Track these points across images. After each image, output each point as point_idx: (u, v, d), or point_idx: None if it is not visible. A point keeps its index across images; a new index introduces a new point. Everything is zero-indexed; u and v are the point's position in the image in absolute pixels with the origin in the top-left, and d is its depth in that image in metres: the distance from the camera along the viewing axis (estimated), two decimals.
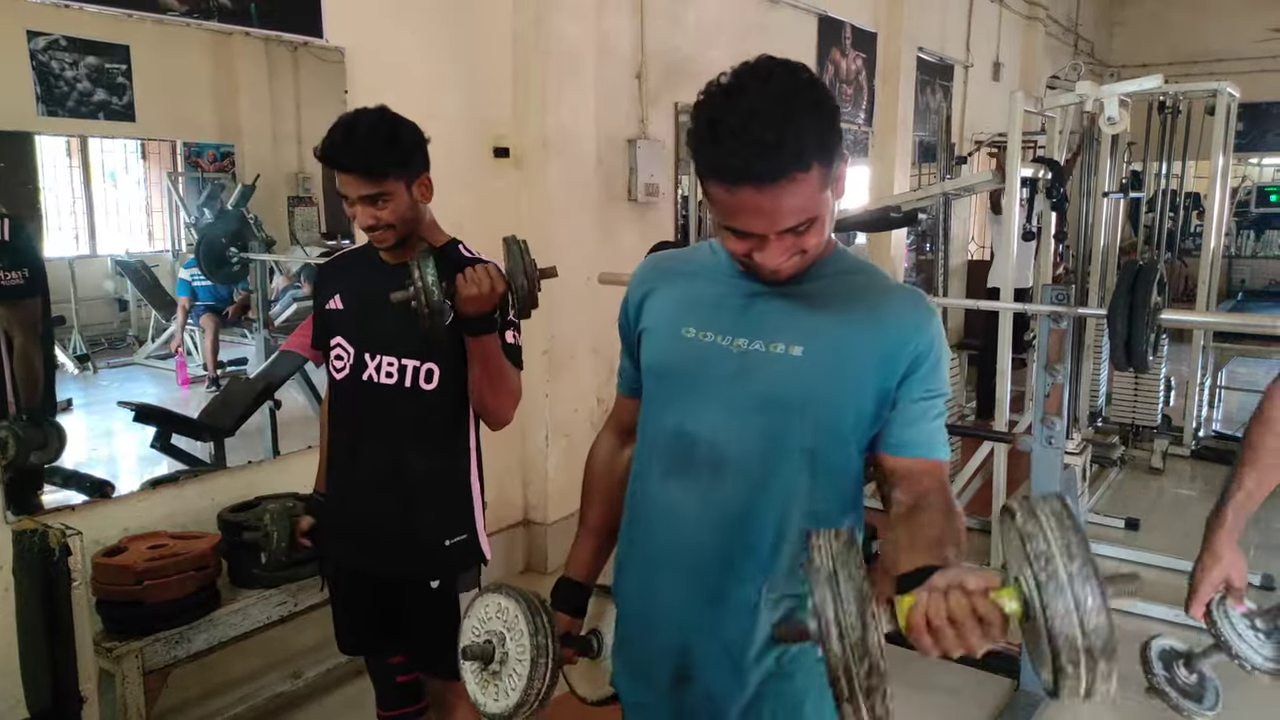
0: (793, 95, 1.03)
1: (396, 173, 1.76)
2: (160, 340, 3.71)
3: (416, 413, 1.84)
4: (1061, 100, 4.21)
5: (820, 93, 1.06)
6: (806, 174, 1.03)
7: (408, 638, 1.94)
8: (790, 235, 1.09)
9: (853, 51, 6.09)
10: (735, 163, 1.03)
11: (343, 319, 1.89)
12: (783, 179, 1.02)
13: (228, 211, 3.55)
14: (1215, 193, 5.18)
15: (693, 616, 1.22)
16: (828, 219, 1.12)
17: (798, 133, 1.01)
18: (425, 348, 1.80)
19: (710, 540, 1.20)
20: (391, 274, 1.82)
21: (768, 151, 1.01)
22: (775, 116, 1.01)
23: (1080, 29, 10.81)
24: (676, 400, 1.23)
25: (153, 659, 2.28)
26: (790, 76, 1.05)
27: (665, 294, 1.29)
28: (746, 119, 1.02)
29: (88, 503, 2.55)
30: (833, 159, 1.07)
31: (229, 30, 2.72)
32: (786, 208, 1.05)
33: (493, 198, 3.63)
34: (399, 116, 1.81)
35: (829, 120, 1.06)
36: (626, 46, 4.17)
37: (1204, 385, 5.58)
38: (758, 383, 1.17)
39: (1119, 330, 2.79)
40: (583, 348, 3.92)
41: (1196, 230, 8.82)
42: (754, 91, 1.03)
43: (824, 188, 1.07)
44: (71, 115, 2.89)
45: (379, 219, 1.76)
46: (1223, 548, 1.56)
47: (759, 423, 1.17)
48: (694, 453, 1.20)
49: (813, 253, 1.14)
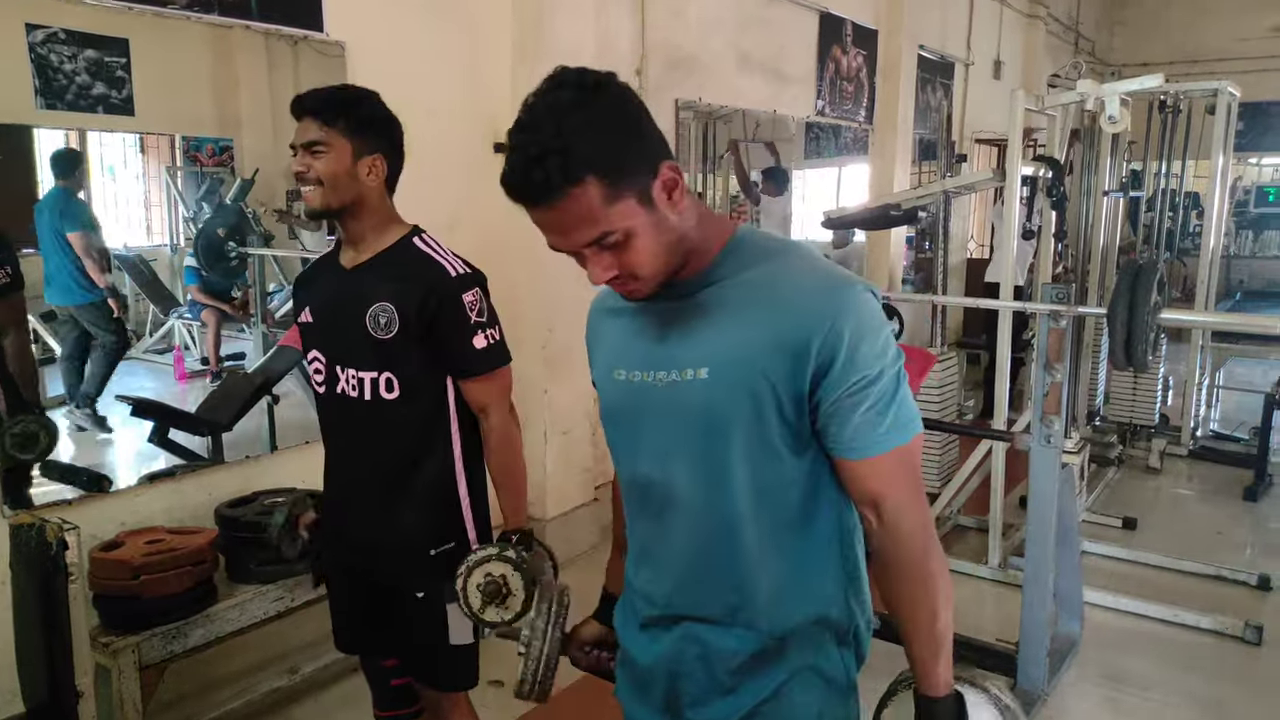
0: (568, 107, 1.00)
1: (345, 128, 1.71)
2: (158, 335, 3.71)
3: (385, 423, 1.79)
4: (1062, 99, 4.20)
5: (603, 101, 1.02)
6: (578, 187, 1.00)
7: (398, 644, 1.92)
8: (606, 253, 1.06)
9: (853, 49, 6.08)
10: (510, 180, 1.02)
11: (313, 332, 1.86)
12: (553, 196, 1.00)
13: (226, 206, 3.54)
14: (1215, 192, 5.19)
15: (677, 646, 1.22)
16: (650, 231, 1.06)
17: (565, 147, 0.98)
18: (379, 358, 1.76)
19: (680, 575, 1.20)
20: (346, 280, 1.80)
21: (533, 166, 0.99)
22: (543, 132, 0.99)
23: (1081, 27, 10.80)
24: (627, 444, 1.23)
25: (149, 654, 2.28)
26: (575, 88, 1.02)
27: (603, 338, 1.30)
28: (519, 134, 1.01)
29: (84, 497, 2.55)
30: (621, 168, 1.02)
31: (229, 24, 2.71)
32: (567, 224, 1.03)
33: (493, 192, 3.58)
34: (376, 96, 1.79)
35: (609, 131, 1.01)
36: (626, 42, 4.16)
37: (1202, 385, 5.58)
38: (682, 415, 1.13)
39: (1118, 329, 2.79)
40: (581, 343, 3.88)
41: (1195, 230, 8.82)
42: (537, 105, 1.02)
43: (612, 200, 1.02)
44: (70, 109, 2.88)
45: (310, 168, 1.71)
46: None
47: (694, 454, 1.14)
48: (650, 494, 1.20)
49: (646, 270, 1.08)
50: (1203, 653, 3.31)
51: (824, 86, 5.82)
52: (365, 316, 1.74)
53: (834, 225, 5.91)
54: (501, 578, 1.67)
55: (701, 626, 1.20)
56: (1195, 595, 3.70)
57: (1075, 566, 3.22)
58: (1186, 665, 3.22)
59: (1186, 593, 3.73)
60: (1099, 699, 3.01)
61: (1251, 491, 4.90)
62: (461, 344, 1.78)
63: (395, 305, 1.73)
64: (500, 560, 1.71)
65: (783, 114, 5.54)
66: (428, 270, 1.77)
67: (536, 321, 3.74)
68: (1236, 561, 3.98)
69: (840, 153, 6.99)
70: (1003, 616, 3.48)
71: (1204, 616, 3.46)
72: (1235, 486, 5.00)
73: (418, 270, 1.77)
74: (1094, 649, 3.27)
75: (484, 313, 1.80)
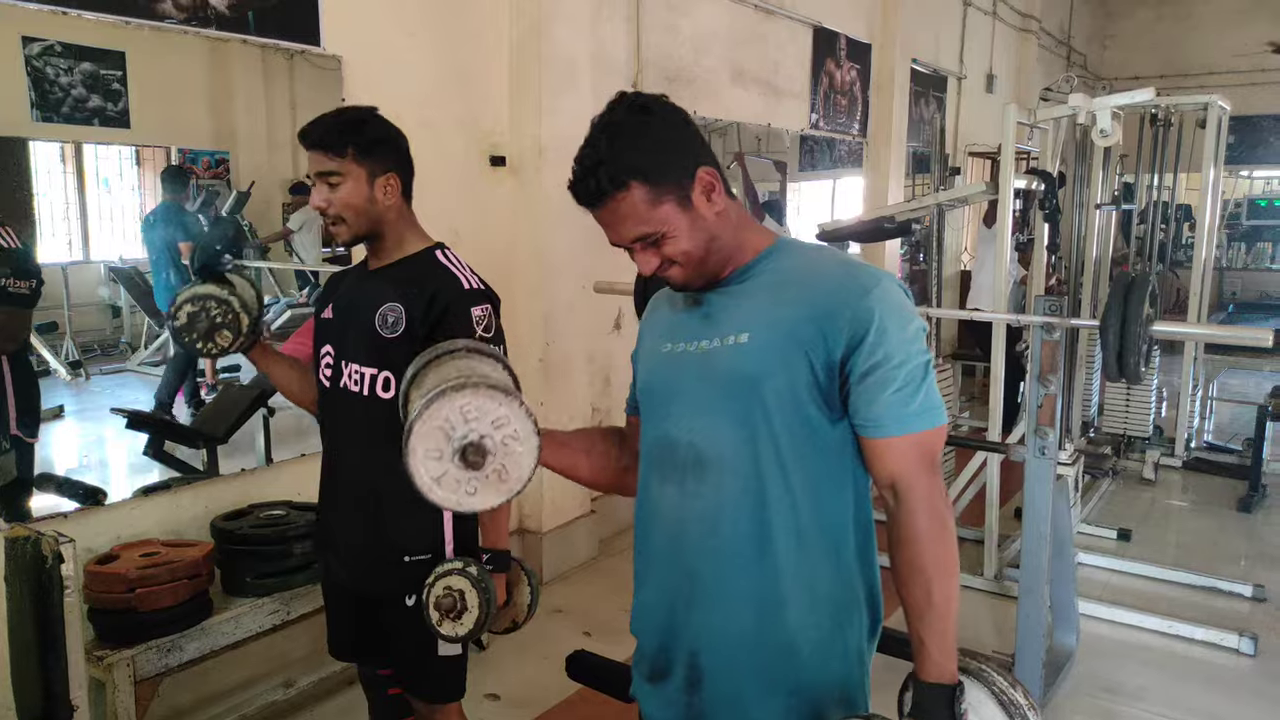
0: (618, 125, 1.18)
1: (354, 154, 1.73)
2: (153, 347, 3.70)
3: (378, 422, 1.79)
4: (1055, 112, 4.23)
5: (650, 119, 1.20)
6: (625, 192, 1.17)
7: (390, 653, 1.92)
8: (651, 248, 1.22)
9: (847, 63, 6.12)
10: (573, 188, 1.21)
11: (331, 328, 1.89)
12: (604, 200, 1.19)
13: (222, 218, 3.55)
14: (1206, 205, 5.22)
15: (699, 621, 1.25)
16: (689, 229, 1.20)
17: (613, 158, 1.17)
18: (379, 356, 1.78)
19: (702, 538, 1.23)
20: (366, 279, 1.84)
21: (586, 175, 1.18)
22: (597, 144, 1.18)
23: (1073, 41, 10.89)
24: (660, 410, 1.30)
25: (144, 667, 2.26)
26: (626, 109, 1.20)
27: (654, 318, 1.41)
28: (582, 149, 1.20)
29: (80, 510, 2.54)
30: (661, 175, 1.18)
31: (227, 38, 2.72)
32: (619, 225, 1.20)
33: (489, 205, 3.64)
34: (377, 113, 1.81)
35: (653, 143, 1.18)
36: (622, 56, 4.18)
37: (1195, 397, 5.60)
38: (718, 376, 1.23)
39: (1111, 342, 2.81)
40: (578, 356, 3.92)
41: (1188, 242, 8.88)
42: (595, 125, 1.20)
43: (657, 203, 1.18)
44: (66, 121, 2.90)
45: (329, 201, 1.74)
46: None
47: (725, 414, 1.21)
48: (675, 455, 1.26)
49: (688, 259, 1.22)
50: (1197, 664, 3.31)
51: (818, 100, 5.86)
52: (375, 314, 1.78)
53: (828, 238, 5.94)
54: (459, 593, 1.72)
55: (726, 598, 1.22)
56: (1190, 607, 3.71)
57: (1070, 578, 3.23)
58: (1181, 677, 3.22)
59: (1181, 604, 3.74)
60: (1094, 710, 3.01)
61: (1245, 503, 4.91)
62: None
63: (404, 307, 1.77)
64: (462, 575, 1.73)
65: (777, 127, 5.57)
66: (441, 278, 1.80)
67: (534, 334, 3.74)
68: (1231, 573, 3.99)
69: (835, 165, 7.03)
70: (998, 628, 3.48)
71: (1198, 628, 3.46)
72: (1229, 498, 5.02)
73: (431, 277, 1.80)
74: (1089, 660, 3.27)
75: (490, 329, 1.81)
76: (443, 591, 1.74)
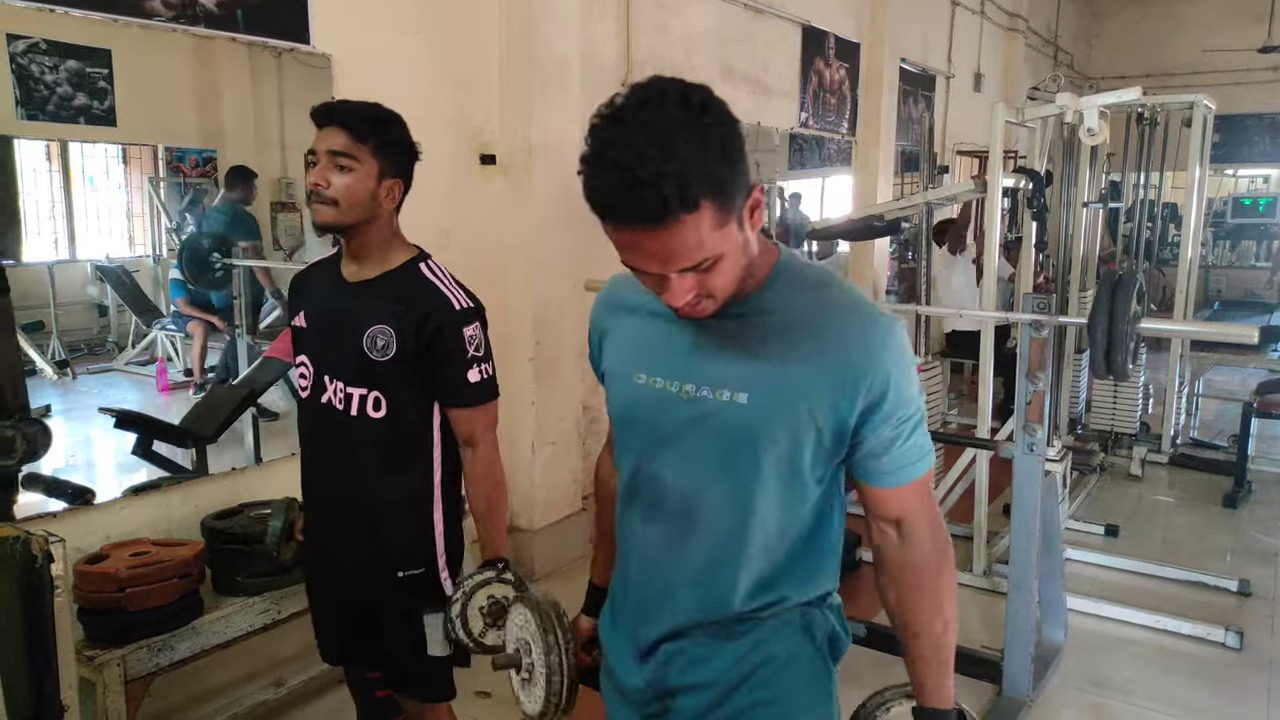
0: (677, 126, 0.93)
1: (374, 147, 1.72)
2: (141, 346, 3.68)
3: (367, 441, 1.79)
4: (1042, 111, 4.25)
5: (710, 120, 0.96)
6: (693, 214, 0.94)
7: (379, 657, 1.92)
8: (691, 275, 1.01)
9: (836, 61, 6.14)
10: (615, 202, 0.95)
11: (306, 338, 1.86)
12: (667, 221, 0.94)
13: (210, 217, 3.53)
14: (1192, 203, 5.26)
15: (669, 655, 1.23)
16: (737, 254, 1.02)
17: (680, 170, 0.92)
18: (370, 376, 1.75)
19: (686, 586, 1.20)
20: (347, 293, 1.80)
21: (648, 192, 0.92)
22: (655, 153, 0.91)
23: (1060, 41, 10.95)
24: (641, 446, 1.21)
25: (135, 667, 2.26)
26: (677, 103, 0.95)
27: (619, 335, 1.25)
28: (623, 153, 0.92)
29: (69, 510, 2.53)
30: (730, 193, 0.97)
31: (216, 36, 2.71)
32: (675, 250, 0.97)
33: (480, 204, 3.63)
34: (402, 119, 1.81)
35: (720, 151, 0.96)
36: (612, 55, 4.18)
37: (1182, 393, 5.65)
38: (710, 432, 1.13)
39: (1099, 339, 2.82)
40: (569, 355, 3.92)
41: (1174, 240, 8.94)
42: (633, 121, 0.94)
43: (721, 224, 0.98)
44: (51, 119, 2.88)
45: (329, 182, 1.69)
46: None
47: (718, 472, 1.15)
48: (664, 500, 1.20)
49: (722, 293, 1.05)
50: (1184, 658, 3.34)
51: (807, 99, 5.87)
52: (363, 336, 1.74)
53: (818, 236, 5.97)
54: (505, 598, 1.70)
55: (701, 632, 1.21)
56: (1177, 601, 3.74)
57: (1058, 573, 3.25)
58: (1168, 671, 3.25)
59: (1168, 599, 3.77)
60: (1083, 705, 3.03)
61: (1231, 498, 4.95)
62: (456, 375, 1.78)
63: (394, 329, 1.74)
64: (500, 583, 1.73)
65: (767, 126, 5.58)
66: (432, 299, 1.77)
67: (524, 333, 3.74)
68: (1217, 568, 4.02)
69: (824, 164, 7.04)
70: (988, 623, 3.50)
71: (1185, 623, 3.49)
72: (1215, 493, 5.06)
73: (421, 298, 1.77)
74: (1078, 655, 3.29)
75: (481, 347, 1.81)
76: (487, 601, 1.72)
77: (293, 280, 1.99)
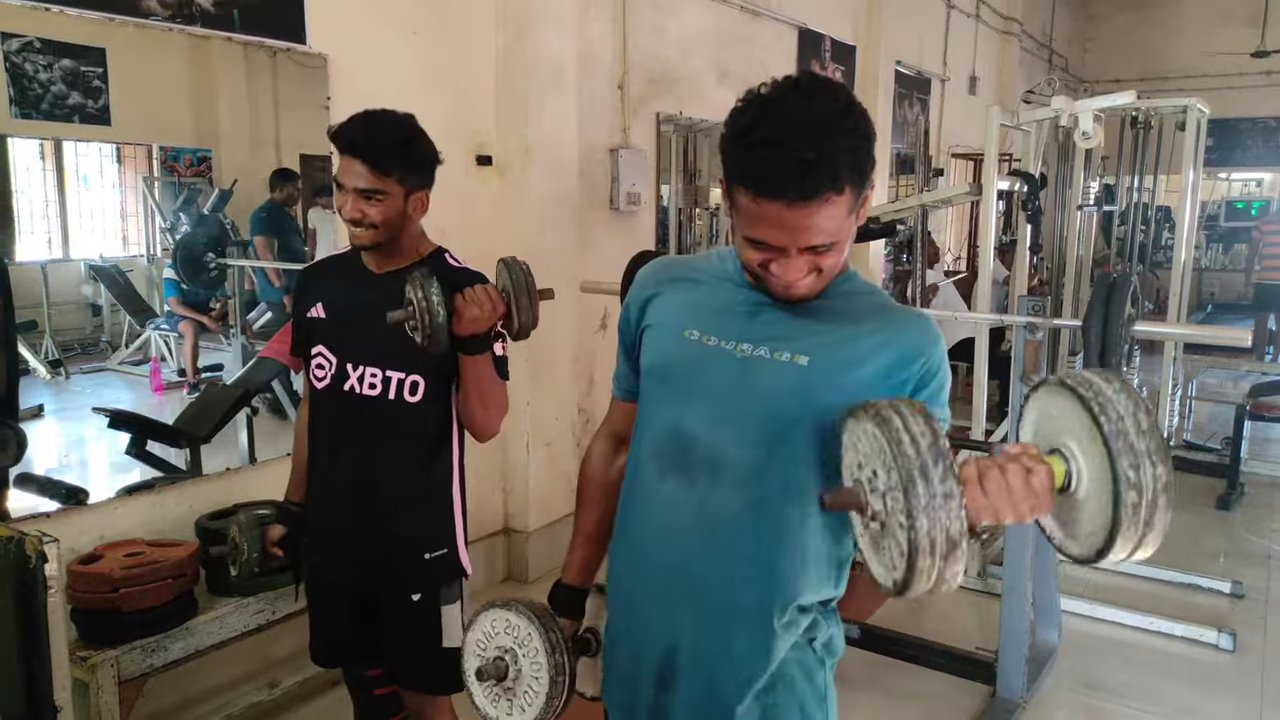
0: (834, 115, 1.04)
1: (401, 176, 1.76)
2: (134, 346, 3.67)
3: (399, 424, 1.83)
4: (1037, 115, 4.27)
5: (859, 116, 1.06)
6: (840, 196, 1.04)
7: (386, 651, 1.92)
8: (810, 252, 1.09)
9: (832, 64, 6.15)
10: (770, 175, 1.03)
11: (324, 328, 1.87)
12: (816, 198, 1.03)
13: (205, 216, 3.52)
14: (1186, 207, 5.28)
15: (682, 620, 1.23)
16: (848, 241, 1.12)
17: (835, 153, 1.02)
18: (411, 360, 1.79)
19: (704, 544, 1.19)
20: (375, 284, 1.83)
21: (806, 168, 1.01)
22: (815, 134, 1.02)
23: (1054, 44, 10.99)
24: (676, 400, 1.22)
25: (129, 668, 2.25)
26: (832, 96, 1.06)
27: (671, 297, 1.28)
28: (787, 132, 1.02)
29: (62, 510, 2.52)
30: (864, 184, 1.08)
31: (211, 35, 2.70)
32: (814, 227, 1.06)
33: (475, 205, 3.63)
34: (421, 129, 1.84)
35: (865, 144, 1.06)
36: (609, 57, 4.19)
37: (1175, 396, 5.66)
38: (761, 390, 1.16)
39: (1093, 342, 2.83)
40: (564, 356, 3.92)
41: (1167, 243, 8.97)
42: (796, 106, 1.04)
43: (852, 211, 1.08)
44: (45, 118, 2.86)
45: (366, 215, 1.75)
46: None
47: (760, 430, 1.16)
48: (692, 451, 1.19)
49: (828, 274, 1.14)
50: (1178, 660, 3.35)
51: None
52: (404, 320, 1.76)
53: None
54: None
55: (717, 595, 1.20)
56: (1170, 603, 3.75)
57: (1053, 575, 3.26)
58: (1162, 672, 3.26)
59: (1162, 601, 3.78)
60: (1077, 706, 3.04)
61: (1224, 501, 4.97)
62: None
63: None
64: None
65: None
66: (464, 278, 1.82)
67: None
68: (1210, 570, 4.04)
69: None
70: (982, 625, 3.51)
71: (1179, 624, 3.50)
72: (1208, 496, 5.08)
73: (455, 276, 1.80)
74: (1071, 657, 3.30)
75: (499, 327, 1.84)
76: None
77: (301, 274, 2.01)
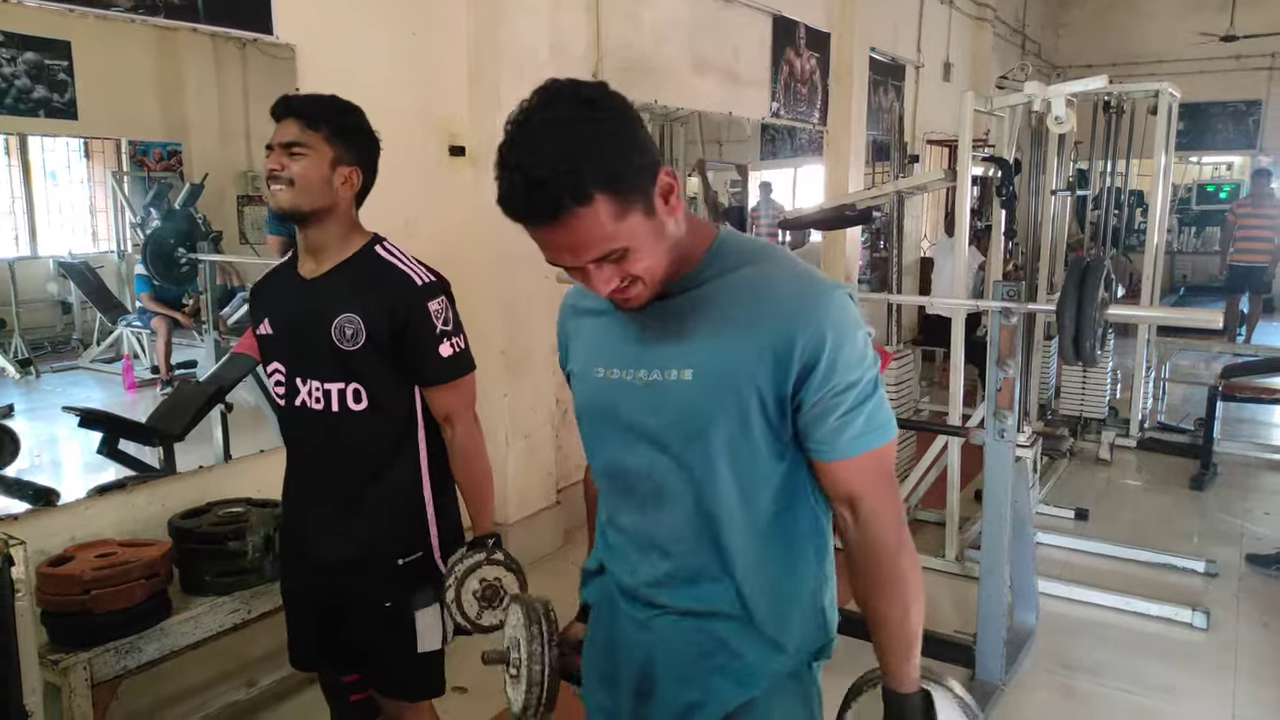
0: (571, 124, 0.98)
1: (328, 134, 1.72)
2: (106, 343, 3.62)
3: (351, 434, 1.78)
4: (1011, 100, 4.28)
5: (603, 115, 1.00)
6: (587, 207, 0.98)
7: (361, 658, 1.90)
8: (608, 265, 1.04)
9: (807, 51, 6.14)
10: (511, 200, 0.99)
11: (274, 344, 1.84)
12: (562, 215, 0.98)
13: (175, 211, 3.47)
14: (1158, 190, 5.32)
15: (655, 635, 1.23)
16: (651, 240, 1.05)
17: (572, 166, 0.96)
18: (347, 370, 1.74)
19: (665, 568, 1.20)
20: (310, 291, 1.78)
21: (538, 189, 0.97)
22: (548, 151, 0.97)
23: (1027, 30, 11.03)
24: (605, 439, 1.22)
25: (101, 670, 2.22)
26: (572, 102, 1.00)
27: (580, 336, 1.28)
28: (520, 153, 0.98)
29: (31, 511, 2.48)
30: (628, 181, 1.01)
31: (175, 27, 2.65)
32: (579, 243, 1.01)
33: (448, 195, 3.60)
34: (360, 110, 1.80)
35: (614, 145, 1.00)
36: (582, 45, 4.16)
37: (1149, 378, 5.73)
38: (668, 413, 1.14)
39: (1067, 326, 2.85)
40: (541, 347, 3.90)
41: (1140, 227, 9.05)
42: (536, 122, 0.99)
43: (624, 213, 1.01)
44: (10, 113, 2.80)
45: (284, 168, 1.69)
46: None
47: (682, 452, 1.15)
48: (635, 487, 1.20)
49: (650, 277, 1.08)
50: (1153, 639, 3.39)
51: (779, 89, 5.87)
52: (330, 328, 1.73)
53: (791, 226, 5.98)
54: (497, 580, 1.75)
55: (688, 619, 1.20)
56: (1145, 583, 3.80)
57: (1029, 558, 3.29)
58: (1138, 651, 3.30)
59: (1137, 581, 3.82)
60: (1055, 687, 3.07)
61: (1197, 481, 5.03)
62: (427, 352, 1.77)
63: (361, 315, 1.72)
64: (490, 564, 1.76)
65: (739, 116, 5.57)
66: (393, 279, 1.76)
67: (495, 325, 3.72)
68: (1184, 549, 4.08)
69: (796, 154, 7.06)
70: (960, 608, 3.53)
71: (1154, 604, 3.54)
72: (1182, 476, 5.14)
73: (383, 279, 1.76)
74: (1049, 638, 3.33)
75: (449, 320, 1.79)
76: (479, 584, 1.75)
77: (252, 290, 1.97)
